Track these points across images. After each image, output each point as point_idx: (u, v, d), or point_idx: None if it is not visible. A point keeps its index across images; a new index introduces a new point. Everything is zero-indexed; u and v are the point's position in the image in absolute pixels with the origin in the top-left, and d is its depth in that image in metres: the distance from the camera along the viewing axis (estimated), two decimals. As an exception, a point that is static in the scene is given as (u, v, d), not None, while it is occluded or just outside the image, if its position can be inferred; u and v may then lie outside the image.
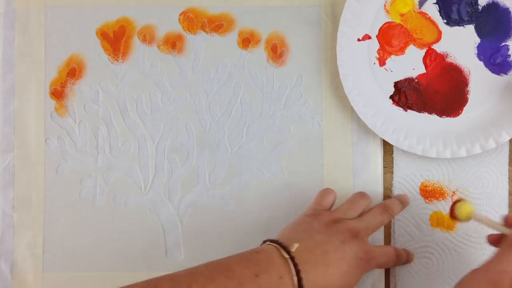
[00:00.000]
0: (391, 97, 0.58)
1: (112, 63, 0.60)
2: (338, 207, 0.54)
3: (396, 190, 0.59)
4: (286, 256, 0.45)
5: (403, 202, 0.57)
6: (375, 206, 0.54)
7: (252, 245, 0.59)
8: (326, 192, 0.54)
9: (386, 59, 0.58)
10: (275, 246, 0.46)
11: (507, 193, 0.59)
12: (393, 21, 0.58)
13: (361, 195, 0.55)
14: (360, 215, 0.53)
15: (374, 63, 0.58)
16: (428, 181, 0.59)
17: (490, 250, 0.58)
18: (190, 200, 0.59)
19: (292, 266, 0.44)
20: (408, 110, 0.58)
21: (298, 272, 0.44)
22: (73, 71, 0.59)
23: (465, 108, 0.58)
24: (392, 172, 0.59)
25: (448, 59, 0.58)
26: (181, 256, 0.59)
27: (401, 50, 0.58)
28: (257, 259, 0.45)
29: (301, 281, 0.44)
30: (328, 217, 0.50)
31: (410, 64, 0.58)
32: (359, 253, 0.48)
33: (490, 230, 0.48)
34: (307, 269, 0.45)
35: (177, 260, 0.59)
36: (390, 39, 0.58)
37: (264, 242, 0.49)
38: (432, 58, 0.58)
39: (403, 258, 0.56)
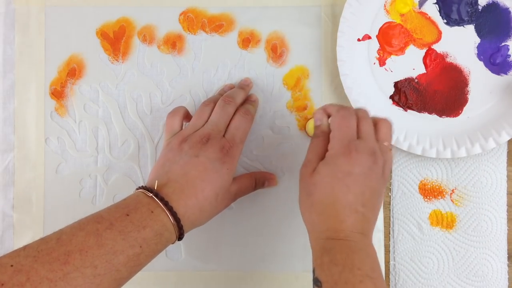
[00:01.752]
0: (391, 97, 0.58)
1: (112, 63, 0.60)
2: (189, 122, 0.54)
3: (395, 189, 0.59)
4: (150, 194, 0.46)
5: (243, 87, 0.58)
6: (216, 104, 0.54)
7: (251, 245, 0.59)
8: (171, 116, 0.54)
9: (386, 59, 0.58)
10: (139, 191, 0.48)
11: (505, 192, 0.59)
12: (393, 21, 0.58)
13: (204, 103, 0.54)
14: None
15: (374, 63, 0.58)
16: (427, 180, 0.59)
17: (491, 250, 0.59)
18: (190, 200, 0.59)
19: (158, 200, 0.46)
20: (408, 110, 0.58)
21: (166, 204, 0.46)
22: (73, 71, 0.59)
23: (465, 108, 0.58)
24: (391, 172, 0.59)
25: (448, 59, 0.58)
26: (181, 256, 0.59)
27: (401, 50, 0.58)
28: (125, 203, 0.46)
29: (172, 210, 0.46)
30: (177, 140, 0.51)
31: (410, 64, 0.58)
32: (216, 153, 0.49)
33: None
34: (176, 198, 0.47)
35: (177, 260, 0.59)
36: (390, 39, 0.58)
37: None
38: (432, 58, 0.58)
39: (262, 177, 0.58)
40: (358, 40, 0.58)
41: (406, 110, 0.58)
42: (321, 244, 0.44)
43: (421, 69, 0.58)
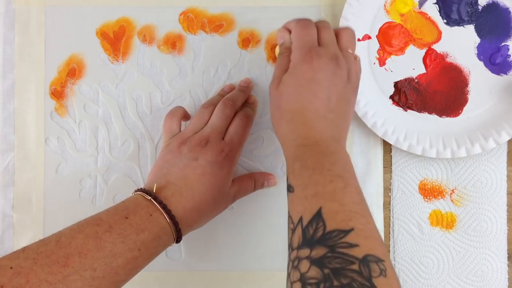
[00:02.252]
0: (391, 97, 0.58)
1: (112, 63, 0.60)
2: (188, 124, 0.54)
3: (395, 189, 0.59)
4: (149, 197, 0.46)
5: (243, 89, 0.57)
6: (216, 107, 0.54)
7: (251, 245, 0.59)
8: (169, 117, 0.54)
9: (386, 59, 0.58)
10: (138, 193, 0.48)
11: (505, 192, 0.59)
12: (393, 21, 0.58)
13: (204, 106, 0.55)
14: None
15: (374, 63, 0.58)
16: (427, 180, 0.59)
17: (491, 250, 0.59)
18: (190, 200, 0.59)
19: (157, 204, 0.46)
20: (408, 110, 0.58)
21: (164, 207, 0.46)
22: (73, 71, 0.59)
23: (465, 108, 0.58)
24: (391, 172, 0.59)
25: (448, 59, 0.58)
26: (181, 256, 0.59)
27: (401, 50, 0.58)
28: (124, 206, 0.46)
29: (170, 213, 0.46)
30: (176, 142, 0.51)
31: (410, 64, 0.58)
32: (215, 157, 0.49)
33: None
34: (174, 201, 0.47)
35: (177, 260, 0.59)
36: (390, 39, 0.58)
37: None
38: (432, 58, 0.58)
39: (261, 178, 0.58)
40: (358, 40, 0.58)
41: (406, 110, 0.58)
42: (293, 152, 0.43)
43: (421, 69, 0.58)
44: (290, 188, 0.42)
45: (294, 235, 0.39)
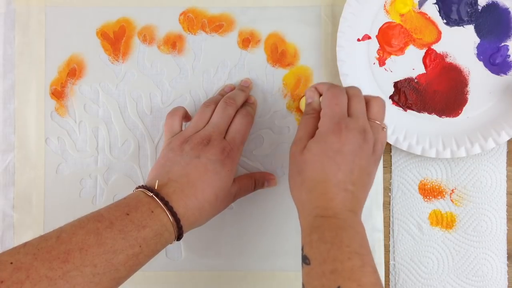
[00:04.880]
0: (391, 97, 0.59)
1: (112, 63, 0.60)
2: (189, 123, 0.54)
3: (395, 189, 0.59)
4: (150, 194, 0.46)
5: (243, 89, 0.58)
6: (217, 105, 0.54)
7: (251, 244, 0.59)
8: (170, 116, 0.54)
9: (385, 59, 0.58)
10: (139, 190, 0.48)
11: (505, 192, 0.59)
12: (393, 21, 0.58)
13: (205, 104, 0.55)
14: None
15: (374, 63, 0.58)
16: (427, 180, 0.59)
17: (490, 250, 0.59)
18: (190, 200, 0.59)
19: (159, 200, 0.46)
20: (408, 110, 0.58)
21: (166, 204, 0.46)
22: (73, 71, 0.59)
23: (464, 108, 0.58)
24: (391, 172, 0.59)
25: (448, 59, 0.58)
26: (181, 256, 0.59)
27: (400, 50, 0.58)
28: (125, 202, 0.46)
29: (172, 210, 0.46)
30: (178, 141, 0.51)
31: (409, 64, 0.58)
32: (217, 155, 0.49)
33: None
34: (176, 198, 0.47)
35: (177, 260, 0.59)
36: (390, 39, 0.58)
37: None
38: (432, 58, 0.58)
39: (261, 177, 0.58)
40: (358, 40, 0.58)
41: (405, 110, 0.58)
42: (310, 222, 0.43)
43: (421, 69, 0.58)
44: (306, 260, 0.42)
45: None
